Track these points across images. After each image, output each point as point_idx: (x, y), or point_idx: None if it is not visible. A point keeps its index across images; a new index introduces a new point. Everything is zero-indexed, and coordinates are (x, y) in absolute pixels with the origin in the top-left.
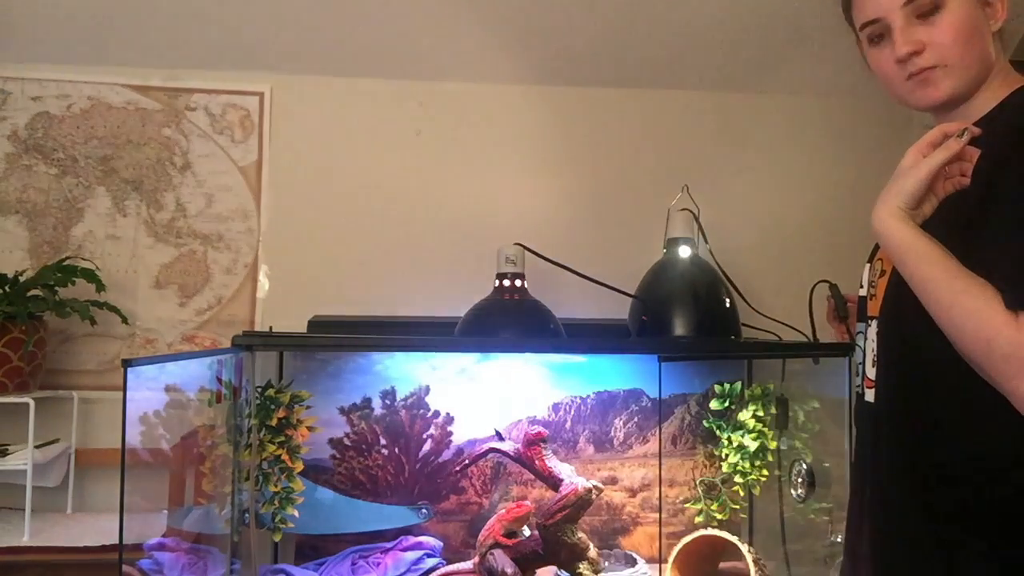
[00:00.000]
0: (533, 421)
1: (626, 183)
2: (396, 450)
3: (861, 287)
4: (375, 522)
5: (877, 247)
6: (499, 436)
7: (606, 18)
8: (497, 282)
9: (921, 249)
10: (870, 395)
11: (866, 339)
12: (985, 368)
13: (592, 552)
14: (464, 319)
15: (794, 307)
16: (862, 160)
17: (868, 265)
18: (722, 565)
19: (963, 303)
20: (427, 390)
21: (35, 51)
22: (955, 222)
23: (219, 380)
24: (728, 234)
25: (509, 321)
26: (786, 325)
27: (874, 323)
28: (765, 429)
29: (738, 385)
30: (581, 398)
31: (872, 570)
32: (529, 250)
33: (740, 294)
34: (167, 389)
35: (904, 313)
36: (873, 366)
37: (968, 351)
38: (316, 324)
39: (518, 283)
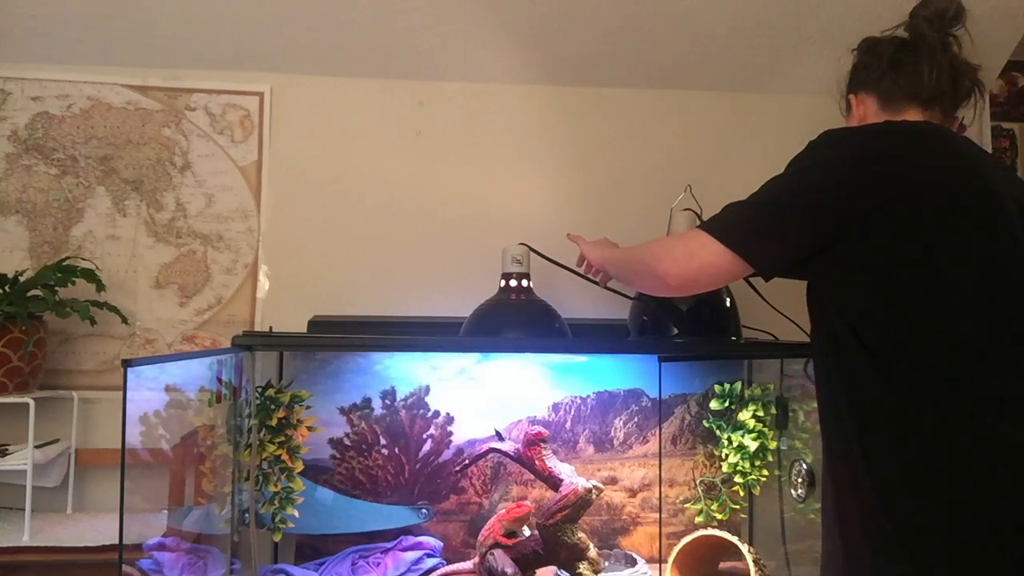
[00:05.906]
0: (533, 421)
1: (628, 183)
2: (396, 450)
3: None
4: (375, 522)
5: None
6: (499, 436)
7: (607, 18)
8: (503, 282)
9: (612, 255)
10: None
11: None
12: (651, 287)
13: (592, 552)
14: (469, 319)
15: (795, 306)
16: None
17: None
18: (722, 565)
19: (637, 255)
20: (427, 390)
21: (35, 51)
22: None
23: (219, 380)
24: None
25: (515, 321)
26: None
27: None
28: (765, 429)
29: (738, 385)
30: (581, 398)
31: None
32: (533, 250)
33: (756, 290)
34: (167, 389)
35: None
36: None
37: (645, 284)
38: (316, 324)
39: (524, 283)
